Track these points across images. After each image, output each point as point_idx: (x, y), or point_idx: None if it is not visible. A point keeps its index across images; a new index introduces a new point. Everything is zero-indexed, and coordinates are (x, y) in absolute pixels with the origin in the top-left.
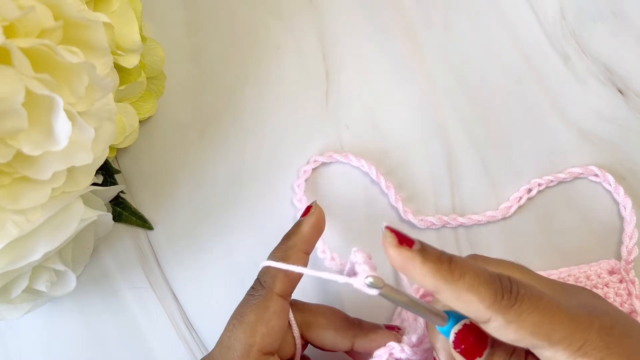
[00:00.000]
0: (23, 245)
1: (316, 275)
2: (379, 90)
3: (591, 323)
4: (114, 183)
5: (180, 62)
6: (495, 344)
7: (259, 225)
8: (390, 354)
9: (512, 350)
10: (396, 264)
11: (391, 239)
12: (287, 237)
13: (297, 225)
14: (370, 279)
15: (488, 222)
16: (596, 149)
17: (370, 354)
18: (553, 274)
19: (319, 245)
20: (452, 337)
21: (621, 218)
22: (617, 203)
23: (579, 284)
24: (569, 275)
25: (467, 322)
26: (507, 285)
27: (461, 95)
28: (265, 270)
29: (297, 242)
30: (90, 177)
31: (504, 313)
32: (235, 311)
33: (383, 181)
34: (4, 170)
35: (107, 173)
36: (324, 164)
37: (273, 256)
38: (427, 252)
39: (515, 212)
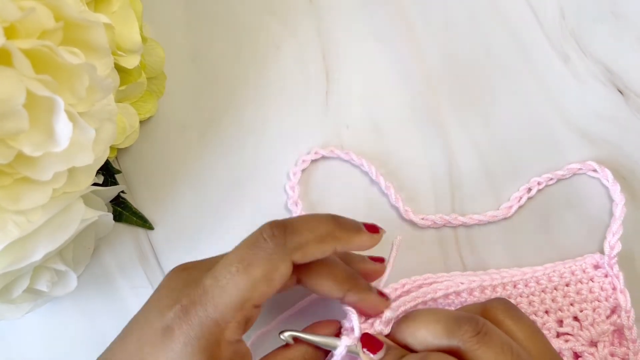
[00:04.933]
0: (24, 246)
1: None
2: (379, 90)
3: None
4: (115, 183)
5: (180, 62)
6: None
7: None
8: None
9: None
10: None
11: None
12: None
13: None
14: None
15: (489, 222)
16: (596, 148)
17: (356, 309)
18: (539, 271)
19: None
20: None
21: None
22: (612, 200)
23: (563, 279)
24: (553, 272)
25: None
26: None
27: (461, 95)
28: (295, 230)
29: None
30: (91, 177)
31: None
32: (240, 252)
33: (383, 181)
34: (4, 171)
35: (107, 173)
36: (324, 157)
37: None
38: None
39: (515, 211)
